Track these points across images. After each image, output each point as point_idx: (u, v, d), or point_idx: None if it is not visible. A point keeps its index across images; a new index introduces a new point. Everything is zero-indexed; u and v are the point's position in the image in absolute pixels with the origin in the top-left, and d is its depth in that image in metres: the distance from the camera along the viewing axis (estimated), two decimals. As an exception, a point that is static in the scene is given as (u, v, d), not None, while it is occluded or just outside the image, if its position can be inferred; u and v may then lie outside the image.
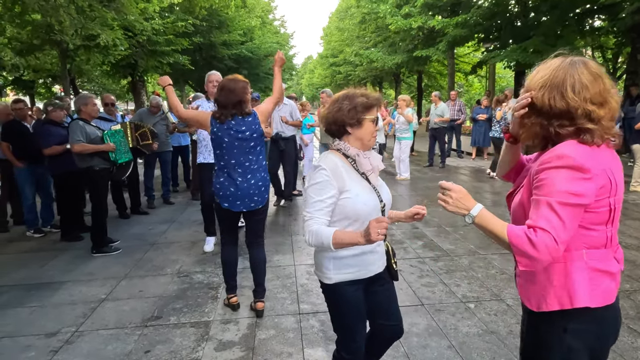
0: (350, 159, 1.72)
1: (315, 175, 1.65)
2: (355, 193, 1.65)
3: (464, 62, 22.44)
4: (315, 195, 1.62)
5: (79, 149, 4.23)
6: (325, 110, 1.74)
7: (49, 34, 8.46)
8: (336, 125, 1.70)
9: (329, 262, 1.73)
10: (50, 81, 17.99)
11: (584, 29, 11.89)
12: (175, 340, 2.77)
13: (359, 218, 1.67)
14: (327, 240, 1.54)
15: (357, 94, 1.69)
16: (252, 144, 2.85)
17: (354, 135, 1.70)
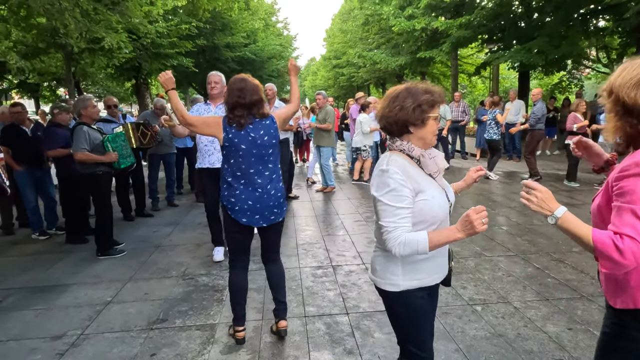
0: (415, 159, 1.60)
1: (386, 181, 1.50)
2: (431, 195, 1.55)
3: (468, 64, 22.38)
4: (394, 203, 1.49)
5: (82, 157, 4.22)
6: (384, 109, 1.59)
7: (54, 37, 8.50)
8: (398, 125, 1.57)
9: (396, 267, 1.61)
10: (55, 84, 18.06)
11: (588, 29, 11.83)
12: (181, 343, 2.76)
13: (435, 221, 1.57)
14: (424, 246, 1.44)
15: (420, 90, 1.55)
16: (270, 150, 2.55)
17: (416, 134, 1.58)
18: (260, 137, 2.50)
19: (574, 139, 1.75)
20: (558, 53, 11.03)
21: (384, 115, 1.60)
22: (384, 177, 1.51)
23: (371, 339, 2.76)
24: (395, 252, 1.47)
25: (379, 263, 1.67)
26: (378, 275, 1.67)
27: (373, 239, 4.72)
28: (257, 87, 2.53)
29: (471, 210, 1.39)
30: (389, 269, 1.62)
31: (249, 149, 2.47)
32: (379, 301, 3.25)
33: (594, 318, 2.93)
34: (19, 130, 5.07)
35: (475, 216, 1.38)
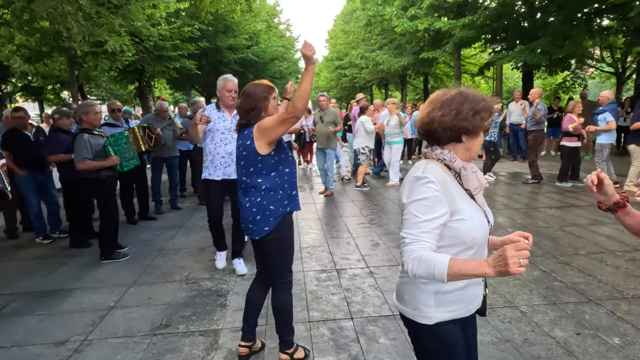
0: (454, 172, 1.43)
1: (420, 189, 1.33)
2: (470, 215, 1.38)
3: (471, 64, 22.32)
4: (422, 214, 1.31)
5: (83, 167, 4.21)
6: (434, 112, 1.41)
7: (57, 41, 8.53)
8: (452, 131, 1.40)
9: (429, 297, 1.43)
10: (58, 87, 18.14)
11: (592, 28, 11.76)
12: (185, 349, 2.74)
13: (474, 244, 1.40)
14: (441, 271, 1.20)
15: (478, 97, 1.41)
16: (242, 162, 2.37)
17: (465, 144, 1.42)
18: (240, 146, 2.38)
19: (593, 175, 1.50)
20: (562, 53, 10.97)
21: (434, 119, 1.41)
22: (417, 184, 1.35)
23: (376, 344, 2.73)
24: (407, 268, 1.27)
25: (407, 291, 1.49)
26: (406, 304, 1.49)
27: (377, 242, 4.73)
28: (256, 94, 2.38)
29: (510, 246, 1.15)
30: (420, 298, 1.44)
31: (237, 156, 2.46)
32: (384, 306, 3.24)
33: (602, 323, 2.89)
34: (21, 135, 5.08)
35: (511, 253, 1.13)
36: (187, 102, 22.15)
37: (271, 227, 2.33)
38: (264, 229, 2.32)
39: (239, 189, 2.46)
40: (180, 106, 8.04)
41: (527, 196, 6.88)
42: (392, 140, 8.05)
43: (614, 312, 3.04)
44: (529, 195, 6.93)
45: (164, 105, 6.46)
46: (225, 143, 3.79)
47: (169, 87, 28.19)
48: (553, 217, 5.54)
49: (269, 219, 2.32)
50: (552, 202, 6.40)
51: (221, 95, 3.80)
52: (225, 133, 3.79)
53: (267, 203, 2.32)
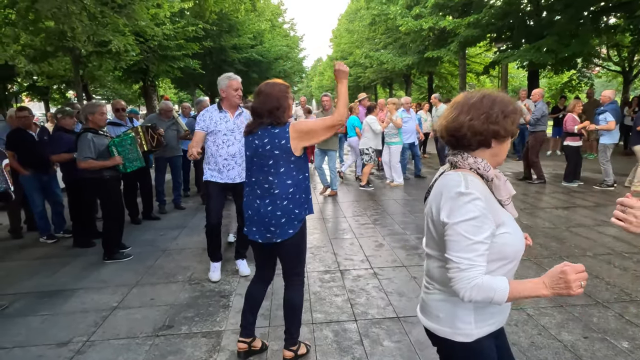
0: (485, 180, 1.35)
1: (467, 207, 1.23)
2: (513, 227, 1.33)
3: (476, 63, 22.21)
4: (473, 235, 1.22)
5: (85, 166, 4.21)
6: (461, 116, 1.34)
7: (62, 41, 8.54)
8: (482, 136, 1.32)
9: (469, 314, 1.35)
10: (64, 87, 18.22)
11: (599, 27, 11.65)
12: (187, 351, 2.72)
13: (516, 257, 1.36)
14: (501, 296, 1.19)
15: (506, 100, 1.34)
16: (270, 162, 2.28)
17: (493, 150, 1.35)
18: (263, 146, 2.29)
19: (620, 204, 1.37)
20: (568, 51, 10.87)
21: (462, 124, 1.33)
22: (463, 202, 1.24)
23: (380, 347, 2.70)
24: (464, 295, 1.22)
25: (443, 309, 1.39)
26: (442, 324, 1.39)
27: (381, 243, 4.70)
28: (279, 93, 2.33)
29: (569, 267, 1.15)
30: (459, 316, 1.36)
31: (251, 156, 2.37)
32: (388, 307, 3.20)
33: (610, 326, 2.84)
34: (25, 135, 5.08)
35: (573, 276, 1.14)
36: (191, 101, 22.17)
37: (296, 230, 2.33)
38: (288, 231, 2.32)
39: (255, 190, 2.37)
40: (183, 106, 8.03)
41: (533, 196, 6.82)
42: (390, 140, 7.97)
43: (623, 315, 2.99)
44: (535, 196, 6.87)
45: (169, 105, 6.45)
46: (227, 145, 3.63)
47: (173, 87, 28.27)
48: (559, 217, 5.48)
49: (293, 222, 2.32)
50: (558, 202, 6.34)
51: (227, 95, 3.59)
52: (227, 134, 3.63)
53: (293, 206, 2.31)
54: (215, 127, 3.62)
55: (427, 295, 1.46)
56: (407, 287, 3.57)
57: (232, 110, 3.69)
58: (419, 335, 2.80)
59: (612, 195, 6.58)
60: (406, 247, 4.58)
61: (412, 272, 3.89)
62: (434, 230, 1.37)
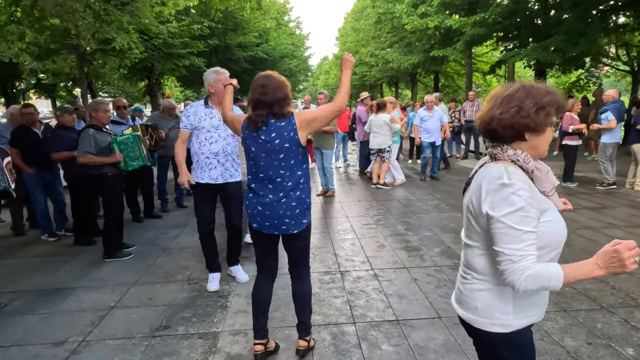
0: (526, 173, 1.35)
1: (512, 199, 1.23)
2: (555, 215, 1.33)
3: (482, 62, 22.01)
4: (522, 226, 1.23)
5: (83, 160, 4.21)
6: (493, 110, 1.34)
7: (66, 39, 8.56)
8: (513, 130, 1.31)
9: (507, 304, 1.35)
10: (71, 85, 18.32)
11: (608, 26, 11.46)
12: (182, 352, 2.69)
13: (559, 245, 1.36)
14: (557, 282, 1.21)
15: (541, 91, 1.30)
16: (281, 155, 2.26)
17: (530, 142, 1.33)
18: (271, 140, 2.24)
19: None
20: (576, 51, 10.72)
21: (493, 118, 1.33)
22: (507, 193, 1.24)
23: (378, 351, 2.65)
24: (519, 286, 1.22)
25: (481, 299, 1.38)
26: (480, 314, 1.39)
27: (383, 244, 4.64)
28: (281, 83, 2.30)
29: (622, 245, 1.17)
30: (498, 306, 1.36)
31: (259, 152, 2.30)
32: (388, 310, 3.16)
33: (615, 332, 2.78)
34: (29, 132, 5.08)
35: (627, 254, 1.16)
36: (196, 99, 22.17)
37: (309, 220, 2.38)
38: (302, 222, 2.34)
39: (261, 187, 2.33)
40: (186, 104, 8.01)
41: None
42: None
43: (628, 320, 2.92)
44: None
45: (172, 103, 6.43)
46: (210, 142, 3.43)
47: (179, 85, 28.34)
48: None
49: (306, 212, 2.36)
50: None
51: (216, 90, 3.40)
52: (211, 131, 3.43)
53: (305, 196, 2.34)
54: (199, 123, 3.43)
55: (465, 285, 1.45)
56: (407, 289, 3.52)
57: (220, 107, 3.41)
58: (418, 339, 2.75)
59: (618, 196, 6.47)
60: (408, 248, 4.52)
61: (413, 274, 3.83)
62: (474, 222, 1.37)
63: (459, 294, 1.49)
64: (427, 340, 2.74)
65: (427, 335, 2.80)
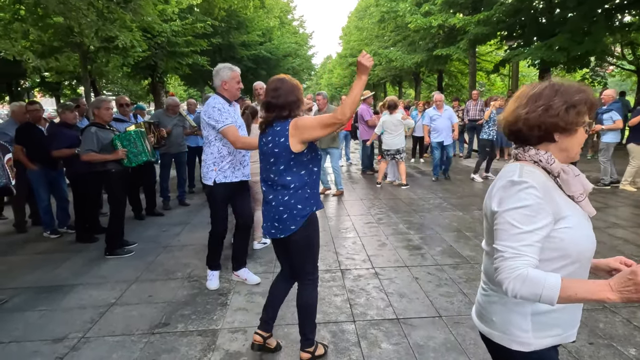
0: (552, 175, 1.25)
1: (518, 195, 1.16)
2: (577, 222, 1.20)
3: (486, 61, 21.94)
4: (522, 224, 1.13)
5: (86, 158, 4.23)
6: (519, 109, 1.25)
7: (69, 36, 8.58)
8: (540, 130, 1.22)
9: (524, 320, 1.25)
10: (75, 83, 18.38)
11: (613, 25, 11.39)
12: (181, 350, 2.68)
13: (581, 258, 1.22)
14: (551, 293, 1.06)
15: (572, 88, 1.21)
16: (272, 159, 2.27)
17: (559, 144, 1.24)
18: (267, 144, 2.28)
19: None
20: (581, 50, 10.65)
21: (519, 117, 1.24)
22: (514, 190, 1.17)
23: (378, 349, 2.63)
24: (508, 287, 1.11)
25: (495, 312, 1.30)
26: (496, 328, 1.30)
27: (384, 242, 4.62)
28: (294, 86, 2.31)
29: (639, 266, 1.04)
30: (514, 321, 1.26)
31: (260, 154, 2.39)
32: (388, 308, 3.14)
33: (617, 332, 2.75)
34: (34, 130, 5.09)
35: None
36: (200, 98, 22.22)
37: (298, 226, 2.29)
38: (290, 227, 2.29)
39: (264, 185, 2.38)
40: (189, 102, 8.02)
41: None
42: None
43: (630, 320, 2.89)
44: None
45: (175, 100, 6.42)
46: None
47: (182, 84, 28.37)
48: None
49: (295, 218, 2.29)
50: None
51: (229, 87, 3.33)
52: (242, 128, 3.39)
53: (295, 202, 2.28)
54: (234, 121, 3.27)
55: (483, 297, 1.37)
56: (408, 288, 3.50)
57: (234, 104, 3.50)
58: (418, 338, 2.74)
59: (623, 196, 6.42)
60: (409, 247, 4.50)
61: (414, 272, 3.81)
62: (488, 224, 1.29)
63: (478, 306, 1.40)
64: (427, 339, 2.72)
65: (427, 334, 2.78)
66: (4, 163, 3.73)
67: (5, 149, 3.83)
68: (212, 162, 3.37)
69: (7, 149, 3.89)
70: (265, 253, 4.41)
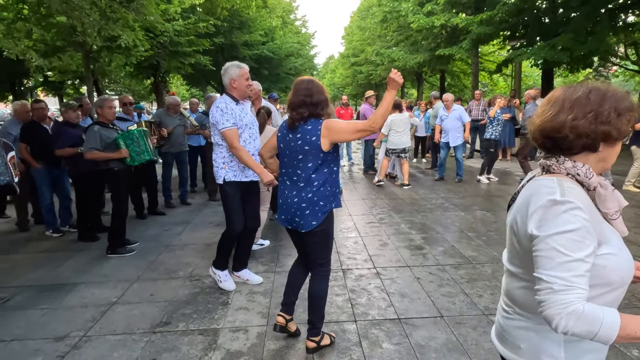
0: (586, 189, 1.13)
1: (564, 217, 1.01)
2: (618, 247, 1.09)
3: (489, 61, 21.90)
4: (571, 251, 0.99)
5: (90, 157, 4.26)
6: (561, 115, 1.11)
7: (72, 36, 8.61)
8: (589, 139, 1.09)
9: (557, 347, 1.14)
10: (78, 82, 18.45)
11: (616, 24, 11.36)
12: (182, 349, 2.69)
13: (623, 284, 1.11)
14: (610, 332, 0.94)
15: (619, 95, 1.11)
16: (300, 156, 2.37)
17: (600, 154, 1.12)
18: (295, 140, 2.38)
19: None
20: (584, 50, 10.62)
21: (563, 124, 1.10)
22: (557, 211, 1.02)
23: (379, 349, 2.63)
24: (559, 324, 0.97)
25: (525, 339, 1.18)
26: (524, 355, 1.19)
27: (386, 242, 4.62)
28: (322, 87, 2.47)
29: None
30: (544, 348, 1.15)
31: (284, 150, 2.47)
32: (389, 309, 3.13)
33: (620, 333, 2.73)
34: (39, 128, 5.10)
35: None
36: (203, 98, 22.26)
37: (319, 222, 2.40)
38: (311, 223, 2.40)
39: (285, 181, 2.48)
40: (191, 101, 8.03)
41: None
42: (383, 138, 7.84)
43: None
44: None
45: (177, 100, 6.43)
46: (254, 139, 3.40)
47: (185, 83, 28.43)
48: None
49: (317, 214, 2.39)
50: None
51: (238, 85, 3.26)
52: (252, 128, 3.39)
53: (318, 199, 2.38)
54: (239, 120, 3.26)
55: (506, 321, 1.25)
56: (409, 288, 3.50)
57: (243, 103, 3.42)
58: (420, 338, 2.73)
59: (625, 197, 6.39)
60: (411, 247, 4.50)
61: (416, 272, 3.81)
62: (517, 244, 1.16)
63: (500, 330, 1.29)
64: (428, 339, 2.72)
65: (428, 334, 2.77)
66: (7, 161, 3.74)
67: (8, 148, 3.84)
68: (221, 162, 3.37)
69: (10, 147, 3.91)
70: (266, 253, 4.41)
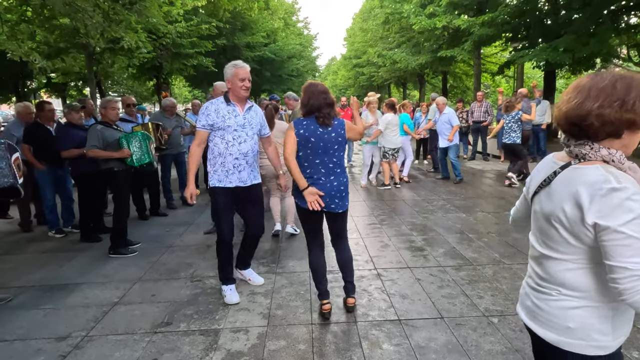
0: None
1: (628, 204, 1.06)
2: None
3: (491, 63, 21.88)
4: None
5: (91, 154, 4.33)
6: (588, 103, 1.16)
7: (75, 38, 8.66)
8: (613, 126, 1.15)
9: (606, 323, 1.20)
10: (81, 84, 18.53)
11: (619, 26, 11.34)
12: (184, 349, 2.70)
13: None
14: None
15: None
16: (336, 146, 2.91)
17: (623, 140, 1.18)
18: (329, 133, 2.85)
19: None
20: (586, 51, 10.60)
21: (590, 112, 1.15)
22: (621, 199, 1.07)
23: (379, 350, 2.64)
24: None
25: (574, 319, 1.22)
26: (573, 335, 1.22)
27: (387, 243, 4.62)
28: (327, 90, 2.93)
29: None
30: (596, 326, 1.20)
31: (317, 143, 2.82)
32: (390, 310, 3.14)
33: (620, 335, 2.73)
34: (43, 129, 5.12)
35: None
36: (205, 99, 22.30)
37: (348, 202, 3.00)
38: (346, 204, 2.95)
39: (320, 170, 2.85)
40: (193, 103, 8.06)
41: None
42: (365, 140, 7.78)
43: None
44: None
45: (173, 101, 6.44)
46: (239, 142, 3.17)
47: (187, 85, 28.51)
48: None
49: (349, 196, 2.98)
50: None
51: (232, 86, 3.15)
52: (238, 130, 3.17)
53: (347, 180, 2.96)
54: (223, 122, 3.13)
55: (547, 303, 1.28)
56: (410, 289, 3.50)
57: (241, 104, 3.24)
58: (420, 339, 2.73)
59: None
60: (412, 248, 4.50)
61: (417, 273, 3.81)
62: (567, 233, 1.19)
63: (536, 311, 1.32)
64: (428, 340, 2.72)
65: (428, 335, 2.78)
66: (11, 163, 3.76)
67: (12, 149, 3.86)
68: (209, 163, 3.28)
69: (14, 149, 3.92)
70: (267, 254, 4.43)
